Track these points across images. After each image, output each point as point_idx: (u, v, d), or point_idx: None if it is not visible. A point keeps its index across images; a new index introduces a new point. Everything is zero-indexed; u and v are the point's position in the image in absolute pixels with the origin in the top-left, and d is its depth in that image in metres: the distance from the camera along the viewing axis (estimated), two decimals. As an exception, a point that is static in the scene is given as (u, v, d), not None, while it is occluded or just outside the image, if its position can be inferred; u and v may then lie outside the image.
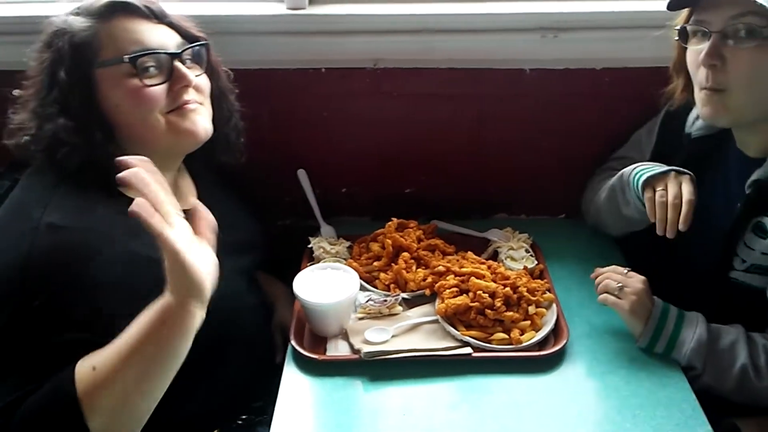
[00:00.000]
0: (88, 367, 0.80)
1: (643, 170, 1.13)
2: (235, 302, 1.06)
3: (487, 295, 1.12)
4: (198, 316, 0.79)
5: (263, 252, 1.25)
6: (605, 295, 1.12)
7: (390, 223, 1.32)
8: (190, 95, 0.98)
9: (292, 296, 1.13)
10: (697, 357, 1.04)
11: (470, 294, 1.14)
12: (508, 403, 1.02)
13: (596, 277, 1.15)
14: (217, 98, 1.06)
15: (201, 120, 0.99)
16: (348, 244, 1.35)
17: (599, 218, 1.32)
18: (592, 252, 1.37)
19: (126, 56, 0.92)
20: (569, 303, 1.20)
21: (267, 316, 1.25)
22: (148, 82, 0.93)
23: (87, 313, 0.86)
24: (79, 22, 0.93)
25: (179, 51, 0.97)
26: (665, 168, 1.10)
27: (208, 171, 1.17)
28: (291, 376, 1.07)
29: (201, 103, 1.01)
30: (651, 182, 1.10)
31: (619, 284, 1.11)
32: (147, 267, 0.85)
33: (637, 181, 1.12)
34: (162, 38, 0.96)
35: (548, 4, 1.30)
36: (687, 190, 1.06)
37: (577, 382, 1.06)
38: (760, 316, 1.08)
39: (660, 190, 1.08)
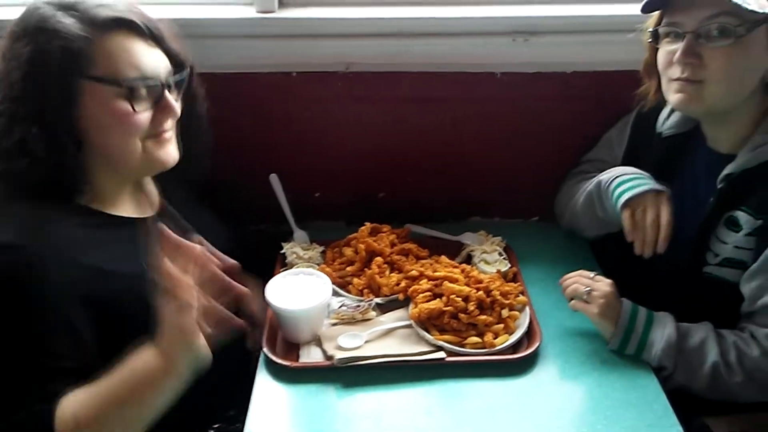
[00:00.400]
0: (69, 416, 0.79)
1: (621, 184, 1.14)
2: None
3: (460, 299, 1.12)
4: (186, 379, 0.81)
5: (234, 258, 1.23)
6: (574, 301, 1.13)
7: (363, 227, 1.31)
8: (168, 124, 0.95)
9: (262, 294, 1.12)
10: (667, 357, 1.05)
11: (444, 298, 1.14)
12: (482, 407, 1.02)
13: (564, 283, 1.16)
14: (194, 122, 1.03)
15: (173, 149, 0.97)
16: (321, 249, 1.34)
17: (575, 221, 1.33)
18: (565, 254, 1.37)
19: (124, 80, 0.87)
20: (542, 305, 1.21)
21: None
22: (137, 107, 0.90)
23: (48, 336, 0.83)
24: (77, 28, 0.86)
25: (171, 81, 0.94)
26: (644, 188, 1.11)
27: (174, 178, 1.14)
28: (263, 384, 1.06)
29: (172, 130, 0.99)
30: (629, 203, 1.12)
31: (587, 288, 1.12)
32: (109, 280, 0.83)
33: (616, 198, 1.14)
34: (156, 63, 0.92)
35: (519, 8, 1.31)
36: (665, 212, 1.09)
37: (550, 385, 1.06)
38: (732, 310, 1.10)
39: (639, 211, 1.11)
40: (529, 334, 1.14)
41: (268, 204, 1.41)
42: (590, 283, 1.13)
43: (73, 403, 0.80)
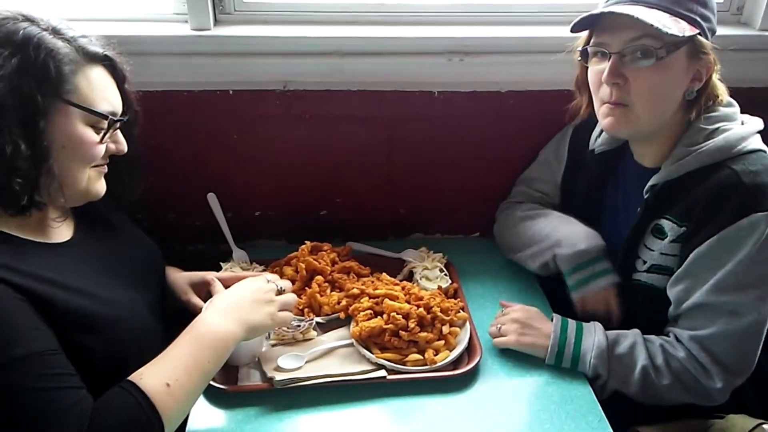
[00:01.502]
0: (157, 382, 0.87)
1: (575, 272, 1.20)
2: (140, 333, 1.01)
3: (400, 316, 1.12)
4: None
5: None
6: (494, 339, 1.17)
7: (303, 246, 1.30)
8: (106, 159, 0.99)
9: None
10: (600, 364, 1.09)
11: (384, 316, 1.14)
12: (424, 424, 1.02)
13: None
14: (131, 159, 1.04)
15: (103, 183, 0.99)
16: (261, 268, 1.32)
17: (520, 260, 1.35)
18: (505, 269, 1.40)
19: (97, 111, 0.91)
20: (483, 321, 1.22)
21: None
22: (101, 139, 0.93)
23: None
24: (68, 52, 0.89)
25: (129, 120, 1.00)
26: (594, 286, 1.18)
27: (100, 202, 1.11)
28: (199, 409, 1.03)
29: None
30: (582, 298, 1.19)
31: (498, 326, 1.18)
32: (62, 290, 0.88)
33: (570, 287, 1.21)
34: (119, 101, 0.97)
35: (455, 28, 1.33)
36: (614, 306, 1.18)
37: (491, 400, 1.07)
38: (660, 316, 1.15)
39: (590, 304, 1.19)
40: (469, 350, 1.15)
41: (207, 223, 1.38)
42: (499, 320, 1.19)
43: (152, 372, 0.89)
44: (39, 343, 0.83)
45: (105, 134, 0.94)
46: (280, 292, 1.07)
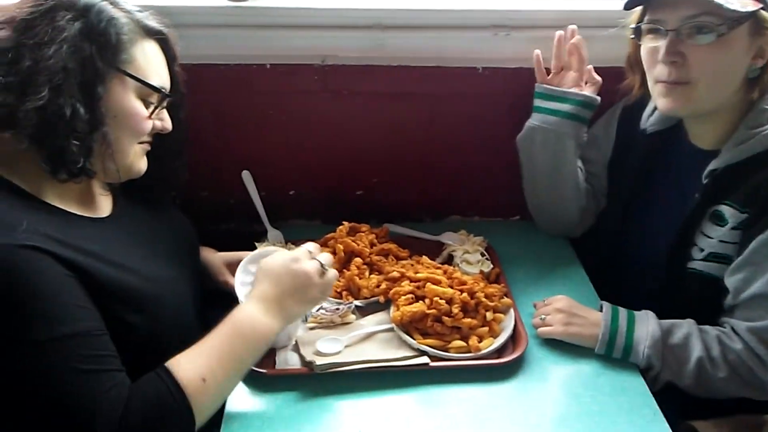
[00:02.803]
0: (193, 375, 0.84)
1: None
2: (181, 313, 0.99)
3: (444, 301, 1.08)
4: None
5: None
6: (539, 329, 1.12)
7: (341, 227, 1.26)
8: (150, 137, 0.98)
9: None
10: (654, 354, 1.04)
11: (426, 300, 1.09)
12: (467, 413, 0.98)
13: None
14: (177, 143, 1.04)
15: (146, 161, 0.98)
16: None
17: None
18: (547, 253, 1.35)
19: (150, 84, 0.91)
20: (527, 307, 1.18)
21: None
22: (150, 113, 0.93)
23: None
24: (128, 23, 0.90)
25: (176, 103, 1.00)
26: None
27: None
28: (237, 393, 1.00)
29: None
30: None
31: (542, 316, 1.12)
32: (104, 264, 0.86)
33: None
34: (168, 79, 0.97)
35: (501, 1, 1.27)
36: None
37: (537, 390, 1.03)
38: (714, 306, 1.09)
39: None
40: (514, 337, 1.11)
41: (241, 202, 1.35)
42: (541, 310, 1.14)
43: (189, 362, 0.86)
44: (86, 323, 0.81)
45: (155, 109, 0.93)
46: (321, 269, 1.02)
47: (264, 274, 0.98)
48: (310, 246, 1.03)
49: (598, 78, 1.21)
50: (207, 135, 1.32)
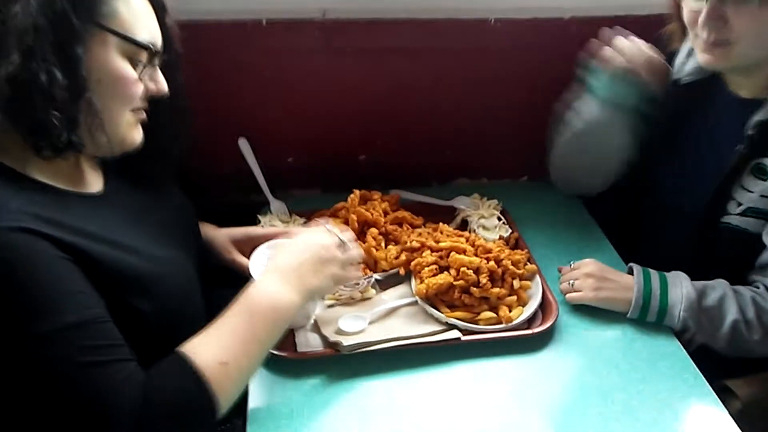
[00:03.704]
0: (211, 359, 0.76)
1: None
2: (188, 290, 0.91)
3: (471, 271, 1.02)
4: None
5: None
6: (568, 295, 1.07)
7: (352, 195, 1.18)
8: (144, 103, 0.86)
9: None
10: (690, 317, 1.00)
11: (452, 271, 1.03)
12: (503, 388, 0.93)
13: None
14: (177, 108, 0.93)
15: (140, 131, 0.87)
16: (302, 220, 1.20)
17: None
18: (562, 214, 1.31)
19: (135, 40, 0.79)
20: (550, 272, 1.13)
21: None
22: (139, 74, 0.81)
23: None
24: None
25: (171, 62, 0.89)
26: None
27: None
28: (259, 381, 0.93)
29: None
30: None
31: (570, 281, 1.07)
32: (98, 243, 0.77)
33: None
34: (158, 33, 0.85)
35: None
36: None
37: (574, 359, 0.99)
38: (743, 262, 1.06)
39: None
40: (543, 306, 1.06)
41: (237, 171, 1.26)
42: (570, 275, 1.09)
43: (206, 346, 0.77)
44: (90, 310, 0.72)
45: (144, 68, 0.81)
46: (342, 245, 0.95)
47: (281, 250, 0.91)
48: (329, 225, 0.96)
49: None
50: (198, 100, 1.19)
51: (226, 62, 1.19)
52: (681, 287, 1.02)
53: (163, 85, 0.86)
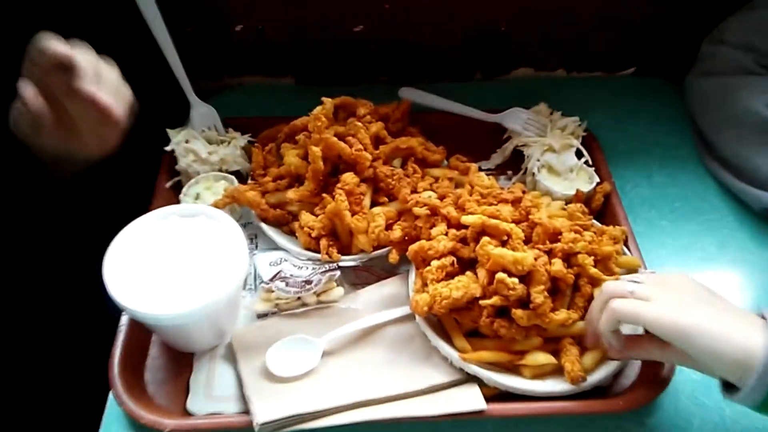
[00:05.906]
0: None
1: None
2: None
3: (515, 280, 0.54)
4: None
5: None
6: (616, 304, 0.51)
7: (320, 107, 0.66)
8: None
9: None
10: None
11: (481, 272, 0.55)
12: None
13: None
14: None
15: None
16: (243, 140, 0.72)
17: None
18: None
19: None
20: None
21: None
22: None
23: None
24: None
25: None
26: None
27: None
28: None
29: None
30: None
31: (630, 291, 0.51)
32: None
33: None
34: None
35: None
36: None
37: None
38: None
39: None
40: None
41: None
42: (626, 283, 0.52)
43: None
44: None
45: None
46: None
47: None
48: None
49: None
50: None
51: None
52: None
53: None
